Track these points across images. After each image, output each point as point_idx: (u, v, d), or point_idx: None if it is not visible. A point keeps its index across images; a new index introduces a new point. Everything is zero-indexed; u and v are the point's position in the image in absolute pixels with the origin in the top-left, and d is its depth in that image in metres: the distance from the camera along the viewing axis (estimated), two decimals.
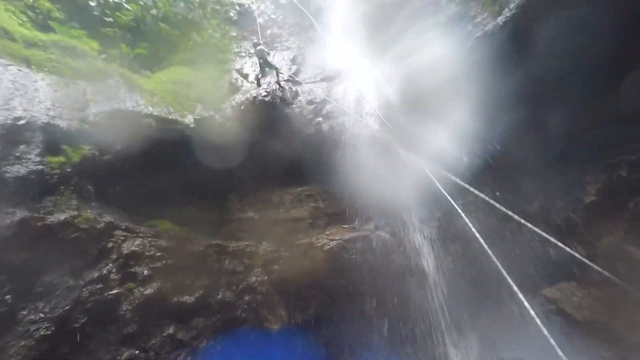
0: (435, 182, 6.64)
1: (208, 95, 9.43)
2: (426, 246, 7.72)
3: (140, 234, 5.94)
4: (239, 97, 9.37)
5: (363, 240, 8.27)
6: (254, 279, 6.79)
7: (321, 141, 8.64)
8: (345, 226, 8.86)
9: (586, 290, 6.00)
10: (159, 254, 5.81)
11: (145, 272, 5.46)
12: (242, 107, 9.01)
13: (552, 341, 3.70)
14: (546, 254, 6.67)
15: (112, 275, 5.16)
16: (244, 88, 10.36)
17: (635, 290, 5.63)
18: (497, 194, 7.30)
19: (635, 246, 5.81)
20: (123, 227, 5.80)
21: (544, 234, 4.67)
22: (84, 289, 4.85)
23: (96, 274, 5.06)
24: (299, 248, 7.68)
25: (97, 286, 4.97)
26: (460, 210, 5.90)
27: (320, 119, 10.16)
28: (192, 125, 7.95)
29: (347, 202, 8.52)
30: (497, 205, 5.20)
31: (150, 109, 7.09)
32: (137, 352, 4.82)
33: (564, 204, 6.98)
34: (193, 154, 7.54)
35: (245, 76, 11.04)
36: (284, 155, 9.95)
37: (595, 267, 3.68)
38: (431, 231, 7.95)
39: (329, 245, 7.89)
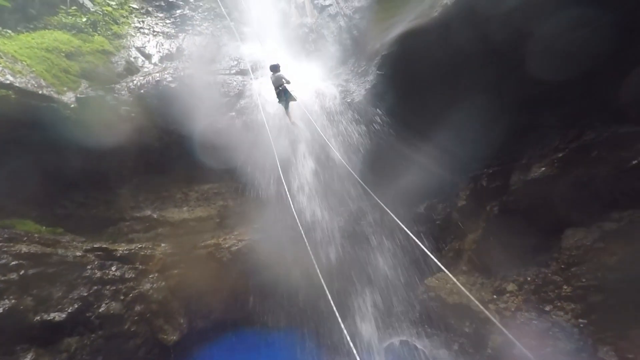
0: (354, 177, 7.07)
1: (97, 72, 7.99)
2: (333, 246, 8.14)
3: None
4: (138, 79, 8.23)
5: (272, 240, 8.23)
6: (148, 285, 6.02)
7: (233, 137, 8.25)
8: (255, 226, 8.66)
9: (456, 279, 7.26)
10: (14, 263, 4.58)
11: None
12: (142, 91, 7.93)
13: None
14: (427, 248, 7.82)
15: None
16: (146, 70, 9.17)
17: (486, 278, 7.07)
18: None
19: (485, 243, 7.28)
20: None
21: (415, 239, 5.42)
22: None
23: None
24: (204, 249, 7.17)
25: None
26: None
27: (233, 113, 9.72)
28: (72, 105, 6.60)
29: (259, 201, 8.34)
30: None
31: (10, 78, 5.59)
32: None
33: (443, 206, 8.30)
34: (70, 140, 6.26)
35: (148, 57, 9.79)
36: (189, 149, 9.17)
37: (436, 260, 4.51)
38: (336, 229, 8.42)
39: (237, 246, 7.59)
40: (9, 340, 4.20)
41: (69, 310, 4.80)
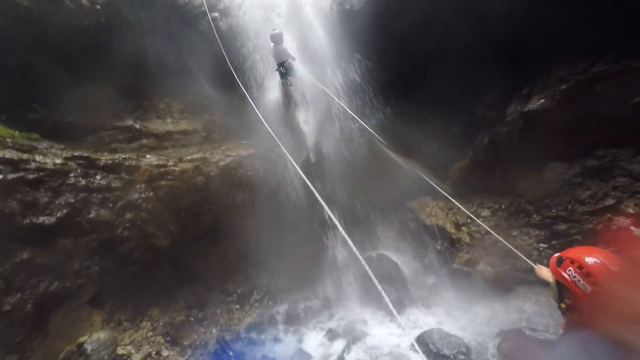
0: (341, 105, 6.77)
1: None
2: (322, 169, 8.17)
3: None
4: None
5: (261, 157, 8.18)
6: (136, 195, 6.07)
7: (216, 42, 7.38)
8: (243, 142, 8.49)
9: (435, 202, 7.66)
10: None
11: None
12: None
13: None
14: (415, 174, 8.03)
15: None
16: None
17: (464, 203, 7.44)
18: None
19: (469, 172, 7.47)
20: None
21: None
22: None
23: None
24: (190, 163, 7.07)
25: None
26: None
27: (216, 14, 8.54)
28: None
29: (246, 116, 7.98)
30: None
31: None
32: None
33: (435, 134, 8.20)
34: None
35: None
36: (167, 55, 8.28)
37: (440, 189, 4.62)
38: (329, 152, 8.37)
39: (224, 161, 7.53)
40: (3, 240, 4.33)
41: (58, 215, 4.87)
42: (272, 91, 8.60)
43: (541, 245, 5.73)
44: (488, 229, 3.98)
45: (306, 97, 8.53)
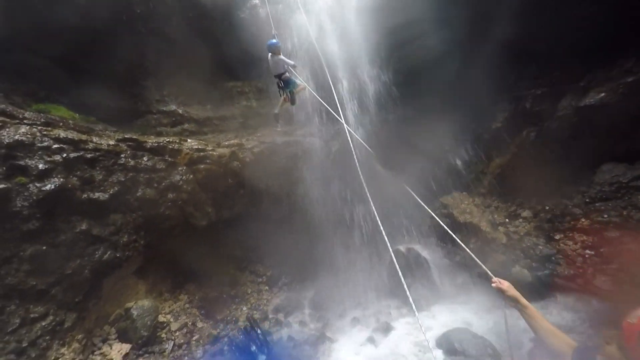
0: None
1: None
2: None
3: (25, 121, 4.84)
4: None
5: (295, 145, 8.31)
6: (178, 177, 6.47)
7: (256, 28, 7.48)
8: (278, 129, 8.64)
9: (472, 199, 7.35)
10: (56, 146, 4.93)
11: (41, 165, 4.67)
12: None
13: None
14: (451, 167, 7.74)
15: None
16: None
17: (502, 202, 7.06)
18: None
19: (511, 169, 7.03)
20: None
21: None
22: None
23: None
24: (227, 148, 7.37)
25: None
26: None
27: (256, 1, 8.62)
28: None
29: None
30: None
31: None
32: (44, 247, 4.49)
33: (475, 126, 7.79)
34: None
35: None
36: (208, 40, 8.52)
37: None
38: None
39: (259, 147, 7.75)
40: (65, 212, 4.86)
41: (111, 192, 5.36)
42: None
43: (587, 252, 5.32)
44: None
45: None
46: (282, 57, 5.39)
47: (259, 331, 5.62)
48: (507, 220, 6.60)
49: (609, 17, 5.10)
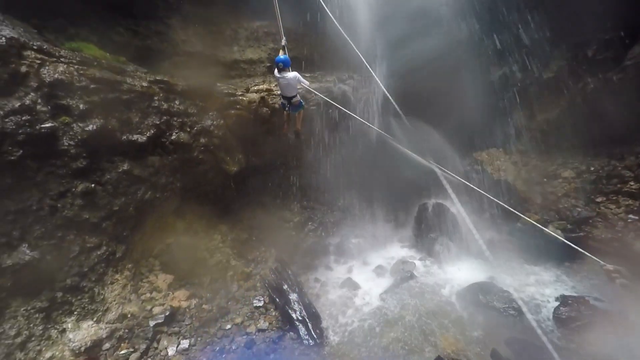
0: None
1: None
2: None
3: (62, 59, 4.81)
4: None
5: (325, 91, 7.97)
6: (209, 122, 6.48)
7: None
8: (306, 75, 8.26)
9: (508, 157, 7.03)
10: (93, 86, 4.95)
11: (82, 106, 4.75)
12: None
13: None
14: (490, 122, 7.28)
15: (38, 107, 4.41)
16: None
17: (541, 160, 6.70)
18: None
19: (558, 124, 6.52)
20: (35, 47, 4.59)
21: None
22: (6, 120, 4.18)
23: (17, 104, 4.28)
24: (257, 94, 7.19)
25: (24, 118, 4.30)
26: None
27: None
28: None
29: (310, 48, 7.61)
30: None
31: None
32: (92, 185, 4.78)
33: (523, 76, 7.13)
34: None
35: None
36: None
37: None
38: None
39: None
40: (108, 152, 5.07)
41: (148, 135, 5.48)
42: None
43: (630, 216, 5.10)
44: None
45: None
46: (296, 75, 4.93)
47: (289, 271, 6.01)
48: (545, 180, 6.33)
49: None
